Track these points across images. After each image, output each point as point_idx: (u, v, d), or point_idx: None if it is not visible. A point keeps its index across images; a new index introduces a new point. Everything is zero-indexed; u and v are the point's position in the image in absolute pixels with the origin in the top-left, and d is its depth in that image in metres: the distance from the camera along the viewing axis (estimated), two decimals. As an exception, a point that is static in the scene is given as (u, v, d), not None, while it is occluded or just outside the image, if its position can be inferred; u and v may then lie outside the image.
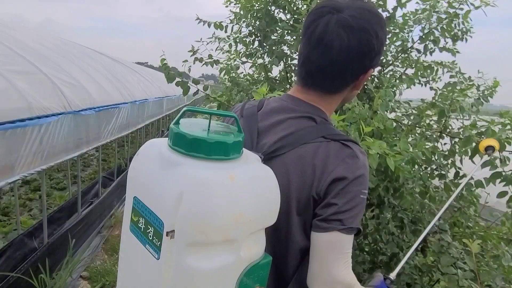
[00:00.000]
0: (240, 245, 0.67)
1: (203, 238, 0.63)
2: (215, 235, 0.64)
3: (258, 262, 0.72)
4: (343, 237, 0.79)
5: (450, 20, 2.07)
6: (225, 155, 0.68)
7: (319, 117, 0.89)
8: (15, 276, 2.72)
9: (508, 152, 1.72)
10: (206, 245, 0.64)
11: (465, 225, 2.05)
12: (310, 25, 0.85)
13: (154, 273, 0.68)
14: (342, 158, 0.83)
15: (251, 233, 0.69)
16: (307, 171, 0.83)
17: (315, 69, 0.87)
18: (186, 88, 2.32)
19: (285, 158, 0.85)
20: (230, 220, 0.64)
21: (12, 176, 2.55)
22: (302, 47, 0.89)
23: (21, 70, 3.18)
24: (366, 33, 0.82)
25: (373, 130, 1.71)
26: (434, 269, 1.99)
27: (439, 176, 1.95)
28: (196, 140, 0.66)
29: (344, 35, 0.81)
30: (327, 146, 0.84)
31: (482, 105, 2.37)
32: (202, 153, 0.66)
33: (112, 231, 4.57)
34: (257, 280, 0.73)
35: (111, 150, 8.22)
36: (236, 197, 0.65)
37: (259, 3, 2.41)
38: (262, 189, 0.70)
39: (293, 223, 0.85)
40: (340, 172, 0.81)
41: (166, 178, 0.67)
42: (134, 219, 0.74)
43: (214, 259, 0.65)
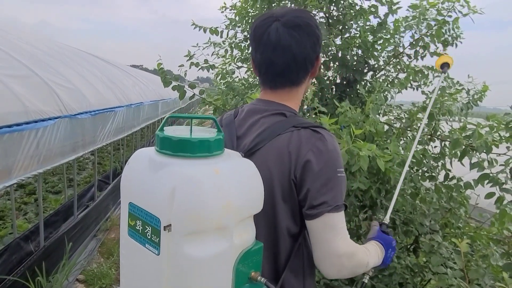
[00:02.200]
0: (232, 232, 0.74)
1: (198, 227, 0.70)
2: (208, 224, 0.70)
3: (250, 248, 0.79)
4: (333, 216, 0.88)
5: (439, 27, 2.12)
6: (208, 152, 0.76)
7: (288, 112, 1.00)
8: (11, 279, 2.73)
9: (495, 154, 1.78)
10: (201, 233, 0.70)
11: (455, 226, 2.09)
12: (261, 36, 0.97)
13: (156, 269, 0.73)
14: (313, 142, 0.91)
15: (240, 221, 0.76)
16: (284, 159, 0.92)
17: (281, 69, 0.98)
18: (183, 92, 2.36)
19: (263, 151, 0.94)
20: (219, 208, 0.71)
21: (9, 180, 2.56)
22: (260, 56, 0.99)
23: (17, 74, 3.19)
24: (311, 27, 0.97)
25: (365, 133, 1.76)
26: (426, 269, 2.04)
27: (430, 178, 1.99)
28: (181, 141, 0.74)
29: (296, 34, 0.95)
30: (299, 134, 0.93)
31: (472, 109, 2.43)
32: (187, 152, 0.74)
33: (108, 234, 4.58)
34: (252, 266, 0.79)
35: (106, 154, 8.21)
36: (223, 188, 0.72)
37: (254, 9, 2.45)
38: (245, 179, 0.78)
39: (279, 210, 0.94)
40: (311, 156, 0.90)
41: (157, 179, 0.73)
42: (131, 224, 0.79)
43: (210, 247, 0.71)
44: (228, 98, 2.40)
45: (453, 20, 2.15)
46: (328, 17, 2.45)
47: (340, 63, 2.35)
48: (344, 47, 2.25)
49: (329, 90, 2.51)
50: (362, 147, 1.38)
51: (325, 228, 0.89)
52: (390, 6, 2.27)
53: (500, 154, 1.79)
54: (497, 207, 1.79)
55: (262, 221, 0.92)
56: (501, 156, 1.79)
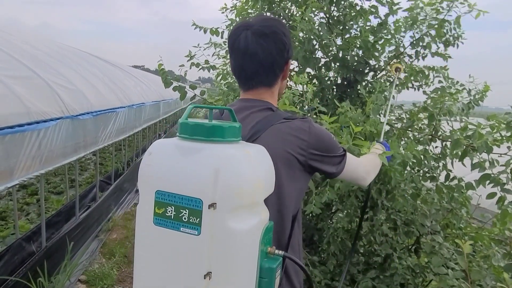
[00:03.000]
0: (260, 208, 0.83)
1: (240, 202, 0.78)
2: (248, 199, 0.79)
3: (267, 225, 0.86)
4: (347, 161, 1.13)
5: (440, 26, 2.12)
6: (236, 137, 0.85)
7: (274, 107, 1.12)
8: (13, 280, 2.73)
9: (497, 155, 1.77)
10: (241, 208, 0.78)
11: (457, 226, 2.09)
12: (233, 43, 1.08)
13: (196, 249, 0.77)
14: (306, 128, 1.06)
15: (264, 197, 0.85)
16: (286, 143, 1.03)
17: (251, 73, 1.09)
18: (184, 93, 2.36)
19: (263, 139, 1.03)
20: (255, 185, 0.80)
21: (11, 180, 2.57)
22: (233, 62, 1.12)
23: (19, 75, 3.20)
24: (277, 34, 1.06)
25: (365, 133, 1.76)
26: (428, 270, 2.04)
27: (431, 178, 1.99)
28: (214, 127, 0.81)
29: (262, 41, 1.04)
30: (292, 123, 1.06)
31: (473, 109, 2.42)
32: (219, 137, 0.81)
33: (110, 234, 4.58)
34: (268, 242, 0.86)
35: (108, 154, 8.23)
36: (255, 167, 0.82)
37: (254, 10, 2.45)
38: (265, 160, 0.88)
39: (285, 190, 1.03)
40: (309, 138, 1.05)
41: (194, 162, 0.78)
42: (159, 212, 0.80)
43: (248, 220, 0.79)
44: (229, 98, 2.40)
45: (455, 19, 2.14)
46: (328, 18, 2.45)
47: (340, 63, 2.34)
48: (345, 47, 2.25)
49: (330, 91, 2.51)
50: (363, 144, 1.39)
51: (350, 171, 1.15)
52: (390, 7, 2.27)
53: (502, 155, 1.78)
54: (498, 207, 1.79)
55: (269, 203, 0.96)
56: (502, 156, 1.79)
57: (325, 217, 2.21)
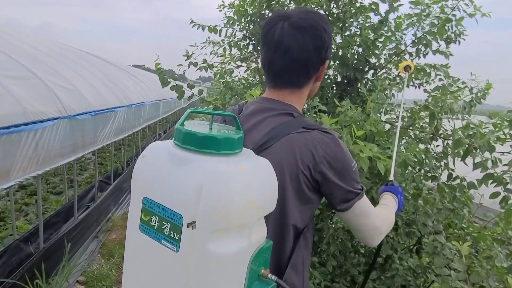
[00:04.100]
0: (251, 230, 0.74)
1: (223, 224, 0.69)
2: (233, 221, 0.70)
3: (262, 246, 0.78)
4: (361, 203, 0.96)
5: (442, 25, 2.08)
6: (232, 149, 0.75)
7: (295, 113, 1.00)
8: (10, 282, 2.71)
9: (499, 153, 1.74)
10: (225, 230, 0.70)
11: (459, 226, 2.06)
12: (266, 34, 0.98)
13: (173, 266, 0.71)
14: (326, 143, 0.94)
15: (258, 219, 0.76)
16: (298, 158, 0.93)
17: (281, 69, 0.98)
18: (181, 92, 2.33)
19: (274, 149, 0.94)
20: (244, 206, 0.71)
21: (7, 181, 2.54)
22: (264, 54, 1.00)
23: (16, 75, 3.18)
24: (317, 30, 0.95)
25: (366, 133, 1.73)
26: (429, 270, 2.01)
27: (432, 178, 1.96)
28: (207, 137, 0.73)
29: (299, 35, 0.93)
30: (310, 135, 0.94)
31: (475, 107, 2.39)
32: (212, 149, 0.73)
33: (109, 235, 4.56)
34: (262, 263, 0.79)
35: (107, 154, 8.21)
36: (247, 186, 0.72)
37: (253, 8, 2.42)
38: (264, 177, 0.78)
39: (289, 208, 0.95)
40: (328, 156, 0.93)
41: (181, 175, 0.71)
42: (145, 219, 0.76)
43: (232, 244, 0.71)
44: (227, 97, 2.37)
45: (458, 19, 2.11)
46: (328, 15, 2.42)
47: (340, 61, 2.31)
48: (345, 45, 2.22)
49: (330, 89, 2.48)
50: (362, 149, 1.35)
51: (360, 216, 0.97)
52: (391, 3, 2.23)
53: (504, 153, 1.75)
54: (501, 207, 1.75)
55: (271, 218, 0.92)
56: (505, 155, 1.75)
57: (325, 217, 2.18)
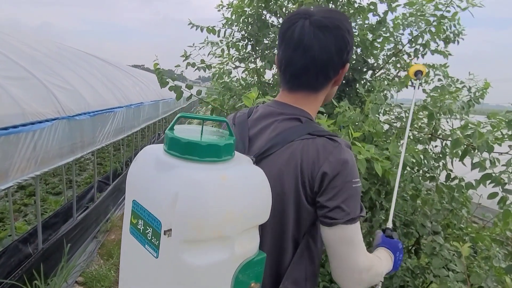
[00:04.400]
0: (234, 242, 0.71)
1: (198, 235, 0.67)
2: (209, 232, 0.68)
3: (252, 258, 0.75)
4: (348, 228, 0.84)
5: (439, 23, 2.08)
6: (217, 157, 0.72)
7: (304, 117, 0.93)
8: (9, 283, 2.71)
9: (497, 154, 1.74)
10: (201, 242, 0.68)
11: (457, 227, 2.06)
12: (286, 31, 0.91)
13: (154, 272, 0.71)
14: (329, 151, 0.86)
15: (243, 231, 0.72)
16: (298, 167, 0.87)
17: (299, 70, 0.91)
18: (179, 92, 2.33)
19: (275, 157, 0.89)
20: (222, 217, 0.68)
21: (6, 182, 2.54)
22: (281, 53, 0.93)
23: (14, 76, 3.17)
24: (340, 30, 0.89)
25: (364, 133, 1.72)
26: (428, 271, 2.00)
27: (431, 178, 1.96)
28: (190, 143, 0.70)
29: (321, 34, 0.87)
30: (314, 142, 0.88)
31: (473, 107, 2.39)
32: (195, 156, 0.70)
33: (108, 235, 4.56)
34: (252, 277, 0.76)
35: (107, 154, 8.20)
36: (228, 196, 0.69)
37: (251, 8, 2.42)
38: (252, 188, 0.74)
39: (289, 219, 0.89)
40: (327, 166, 0.85)
41: (162, 180, 0.70)
42: (134, 222, 0.77)
43: (209, 255, 0.69)
44: (225, 98, 2.37)
45: (452, 15, 2.11)
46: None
47: (338, 62, 2.31)
48: (343, 45, 2.21)
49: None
50: (360, 150, 1.35)
51: (342, 242, 0.85)
52: (389, 4, 2.23)
53: (502, 153, 1.75)
54: (500, 207, 1.75)
55: (269, 229, 0.89)
56: (503, 155, 1.75)
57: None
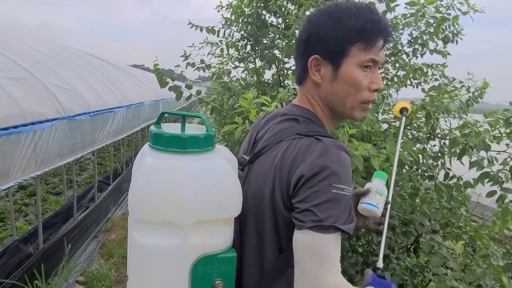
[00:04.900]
0: (187, 232, 0.72)
1: (145, 217, 0.72)
2: (156, 216, 0.71)
3: (216, 254, 0.75)
4: (317, 237, 0.73)
5: (438, 24, 2.09)
6: (182, 148, 0.74)
7: (302, 117, 0.89)
8: (10, 283, 2.72)
9: (495, 152, 1.74)
10: (150, 223, 0.72)
11: (456, 225, 2.07)
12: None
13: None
14: (311, 152, 0.78)
15: (199, 222, 0.73)
16: (276, 167, 0.82)
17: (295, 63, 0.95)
18: (179, 93, 2.34)
19: (264, 158, 0.88)
20: (170, 204, 0.70)
21: (6, 182, 2.55)
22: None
23: (14, 76, 3.18)
24: (306, 22, 0.88)
25: (362, 133, 1.73)
26: (427, 270, 2.01)
27: (429, 177, 1.96)
28: (156, 135, 0.76)
29: (304, 24, 0.89)
30: (299, 142, 0.82)
31: (472, 106, 2.39)
32: (161, 146, 0.75)
33: (109, 235, 4.57)
34: (218, 274, 0.75)
35: (107, 154, 8.21)
36: (179, 184, 0.71)
37: (250, 8, 2.42)
38: (212, 180, 0.74)
39: (267, 221, 0.85)
40: (306, 166, 0.77)
41: (136, 166, 0.79)
42: None
43: (159, 239, 0.72)
44: (225, 98, 2.38)
45: (453, 18, 2.12)
46: (325, 15, 2.42)
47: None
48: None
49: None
50: (356, 147, 1.36)
51: (308, 251, 0.74)
52: (388, 4, 2.23)
53: (500, 152, 1.75)
54: (498, 205, 1.76)
55: (251, 231, 0.87)
56: (501, 154, 1.76)
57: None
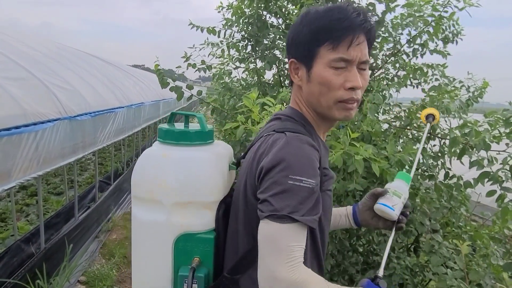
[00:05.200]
0: (170, 210, 0.86)
1: (138, 194, 0.90)
2: (145, 194, 0.88)
3: (195, 233, 0.87)
4: (272, 226, 0.75)
5: (437, 23, 2.09)
6: (176, 140, 0.92)
7: (285, 116, 0.93)
8: (12, 282, 2.73)
9: (495, 152, 1.75)
10: (142, 200, 0.89)
11: (456, 225, 2.07)
12: None
13: None
14: (275, 145, 0.81)
15: (181, 203, 0.86)
16: (249, 164, 0.88)
17: None
18: (180, 93, 2.34)
19: (247, 156, 0.94)
20: (153, 183, 0.86)
21: (8, 183, 2.56)
22: None
23: (16, 77, 3.19)
24: (291, 25, 0.94)
25: (363, 133, 1.74)
26: (427, 269, 2.02)
27: (429, 177, 1.97)
28: (160, 129, 0.95)
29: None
30: (270, 138, 0.85)
31: (472, 106, 2.40)
32: (160, 138, 0.94)
33: (110, 235, 4.58)
34: (197, 252, 0.87)
35: (108, 154, 8.22)
36: (163, 169, 0.86)
37: (251, 9, 2.43)
38: (191, 167, 0.88)
39: (241, 211, 0.89)
40: (267, 159, 0.80)
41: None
42: None
43: (148, 213, 0.87)
44: (225, 98, 2.38)
45: (449, 15, 2.12)
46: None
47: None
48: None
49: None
50: (357, 150, 1.37)
51: (265, 239, 0.75)
52: (387, 4, 2.24)
53: (500, 152, 1.76)
54: (498, 205, 1.77)
55: (232, 218, 0.94)
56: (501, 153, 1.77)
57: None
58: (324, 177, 0.86)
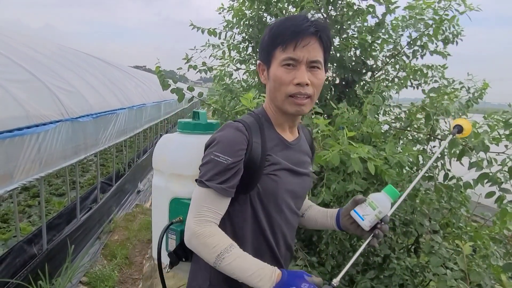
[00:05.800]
0: (167, 178, 1.17)
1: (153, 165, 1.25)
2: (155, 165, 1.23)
3: (182, 199, 1.13)
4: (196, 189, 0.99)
5: (437, 26, 2.10)
6: (183, 129, 1.23)
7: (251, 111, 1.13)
8: (14, 283, 2.75)
9: (494, 153, 1.76)
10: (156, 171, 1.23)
11: (456, 225, 2.08)
12: None
13: None
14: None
15: (173, 174, 1.15)
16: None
17: None
18: (181, 95, 2.36)
19: None
20: (159, 158, 1.21)
21: (10, 184, 2.58)
22: None
23: (18, 79, 3.21)
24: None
25: (362, 134, 1.75)
26: (427, 270, 2.03)
27: (429, 178, 1.98)
28: (179, 122, 1.25)
29: None
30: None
31: (472, 107, 2.41)
32: (179, 128, 1.24)
33: (111, 236, 4.59)
34: (182, 212, 1.11)
35: (109, 155, 8.25)
36: (165, 149, 1.20)
37: (251, 11, 2.45)
38: (184, 150, 1.16)
39: None
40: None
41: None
42: None
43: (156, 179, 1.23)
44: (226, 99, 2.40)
45: (450, 19, 2.13)
46: (325, 18, 2.44)
47: (338, 63, 2.34)
48: (342, 47, 2.24)
49: (328, 91, 2.50)
50: (354, 150, 1.38)
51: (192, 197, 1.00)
52: (387, 6, 2.25)
53: (499, 153, 1.77)
54: (498, 206, 1.78)
55: None
56: (500, 155, 1.78)
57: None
58: (266, 162, 1.01)
